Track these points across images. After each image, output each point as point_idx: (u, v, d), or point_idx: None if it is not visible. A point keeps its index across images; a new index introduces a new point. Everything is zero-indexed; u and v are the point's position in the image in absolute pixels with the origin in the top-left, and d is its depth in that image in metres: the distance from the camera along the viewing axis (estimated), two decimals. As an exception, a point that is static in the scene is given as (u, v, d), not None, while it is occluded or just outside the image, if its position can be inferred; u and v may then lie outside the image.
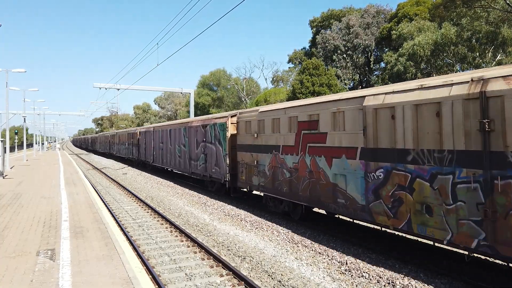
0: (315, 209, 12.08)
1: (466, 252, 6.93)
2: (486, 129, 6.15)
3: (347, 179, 9.05)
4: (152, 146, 28.85)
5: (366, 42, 46.42)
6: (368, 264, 8.08)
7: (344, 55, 47.34)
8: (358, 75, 48.97)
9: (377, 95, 8.38)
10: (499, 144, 6.02)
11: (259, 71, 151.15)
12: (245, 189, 14.86)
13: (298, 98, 35.56)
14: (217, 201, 16.20)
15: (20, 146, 71.23)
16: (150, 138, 29.42)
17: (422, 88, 7.33)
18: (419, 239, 9.28)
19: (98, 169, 34.92)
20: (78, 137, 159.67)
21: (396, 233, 10.23)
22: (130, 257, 7.38)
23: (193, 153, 19.69)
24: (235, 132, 15.19)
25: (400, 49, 34.86)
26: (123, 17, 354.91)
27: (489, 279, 7.16)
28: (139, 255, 8.58)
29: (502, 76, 6.13)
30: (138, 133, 33.40)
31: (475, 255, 7.55)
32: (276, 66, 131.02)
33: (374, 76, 47.99)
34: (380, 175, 8.12)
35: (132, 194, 18.56)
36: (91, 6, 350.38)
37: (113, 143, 49.26)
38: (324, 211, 11.55)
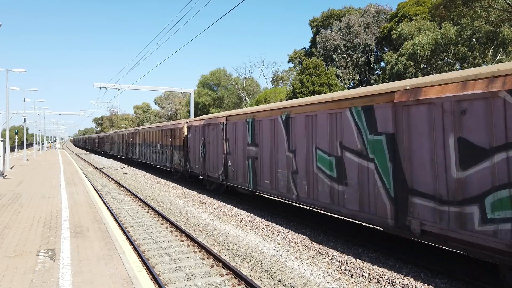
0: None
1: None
2: None
3: None
4: (222, 151, 15.97)
5: (366, 41, 46.43)
6: (368, 264, 8.09)
7: (344, 55, 47.34)
8: (358, 75, 48.97)
9: None
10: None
11: (259, 71, 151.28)
12: None
13: (298, 98, 35.63)
14: (217, 200, 16.20)
15: (20, 146, 71.23)
16: (217, 137, 16.65)
17: None
18: (419, 239, 9.29)
19: (98, 168, 34.92)
20: (80, 137, 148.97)
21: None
22: (130, 257, 7.38)
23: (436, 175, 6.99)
24: None
25: (400, 49, 34.85)
26: (123, 17, 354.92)
27: (489, 279, 7.16)
28: (139, 255, 8.59)
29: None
30: (185, 129, 21.39)
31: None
32: (276, 66, 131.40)
33: (375, 76, 47.99)
34: None
35: (132, 194, 18.57)
36: (91, 6, 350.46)
37: (133, 144, 36.53)
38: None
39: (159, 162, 26.84)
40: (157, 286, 6.99)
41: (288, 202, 13.64)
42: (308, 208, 13.25)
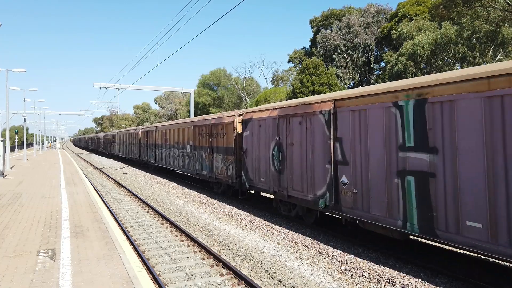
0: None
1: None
2: None
3: None
4: (326, 158, 9.88)
5: (366, 41, 46.44)
6: (369, 264, 8.09)
7: (344, 55, 47.35)
8: (358, 75, 48.98)
9: None
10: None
11: (259, 71, 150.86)
12: None
13: (298, 98, 35.64)
14: (217, 200, 16.21)
15: (20, 146, 71.22)
16: (312, 135, 10.47)
17: None
18: (419, 239, 9.28)
19: (98, 168, 34.92)
20: (81, 136, 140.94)
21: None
22: (130, 257, 7.38)
23: None
24: None
25: (400, 49, 34.87)
26: (124, 17, 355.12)
27: (489, 278, 7.16)
28: (139, 255, 8.59)
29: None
30: (237, 124, 15.08)
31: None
32: (276, 66, 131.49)
33: (375, 76, 48.00)
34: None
35: (132, 193, 18.56)
36: (91, 5, 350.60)
37: (148, 145, 29.75)
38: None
39: (189, 168, 20.24)
40: (157, 286, 6.99)
41: None
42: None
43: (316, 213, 11.15)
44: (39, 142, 70.80)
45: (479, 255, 7.75)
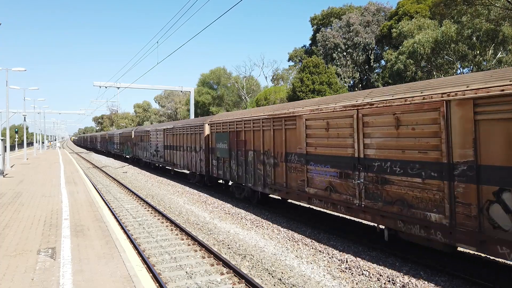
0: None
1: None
2: None
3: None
4: None
5: (366, 40, 46.40)
6: (369, 262, 8.09)
7: (344, 53, 47.32)
8: (358, 73, 48.94)
9: None
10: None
11: (259, 70, 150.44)
12: None
13: (298, 96, 35.62)
14: (217, 199, 16.22)
15: (21, 145, 71.22)
16: None
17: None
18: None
19: (98, 167, 34.93)
20: (86, 135, 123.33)
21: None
22: (131, 256, 7.39)
23: None
24: None
25: (400, 47, 34.81)
26: (123, 16, 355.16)
27: (489, 277, 7.16)
28: (139, 254, 8.60)
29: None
30: None
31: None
32: (276, 65, 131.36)
33: (375, 74, 47.95)
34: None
35: (133, 192, 18.57)
36: (91, 4, 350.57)
37: (244, 155, 14.06)
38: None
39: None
40: (157, 284, 7.00)
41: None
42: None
43: None
44: (39, 141, 70.76)
45: (478, 253, 7.81)
